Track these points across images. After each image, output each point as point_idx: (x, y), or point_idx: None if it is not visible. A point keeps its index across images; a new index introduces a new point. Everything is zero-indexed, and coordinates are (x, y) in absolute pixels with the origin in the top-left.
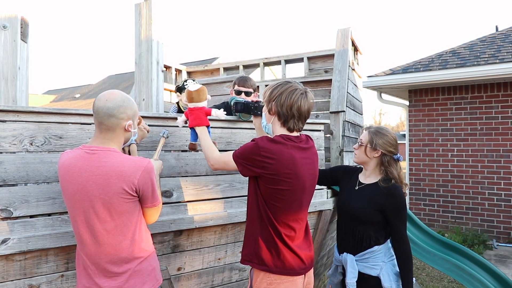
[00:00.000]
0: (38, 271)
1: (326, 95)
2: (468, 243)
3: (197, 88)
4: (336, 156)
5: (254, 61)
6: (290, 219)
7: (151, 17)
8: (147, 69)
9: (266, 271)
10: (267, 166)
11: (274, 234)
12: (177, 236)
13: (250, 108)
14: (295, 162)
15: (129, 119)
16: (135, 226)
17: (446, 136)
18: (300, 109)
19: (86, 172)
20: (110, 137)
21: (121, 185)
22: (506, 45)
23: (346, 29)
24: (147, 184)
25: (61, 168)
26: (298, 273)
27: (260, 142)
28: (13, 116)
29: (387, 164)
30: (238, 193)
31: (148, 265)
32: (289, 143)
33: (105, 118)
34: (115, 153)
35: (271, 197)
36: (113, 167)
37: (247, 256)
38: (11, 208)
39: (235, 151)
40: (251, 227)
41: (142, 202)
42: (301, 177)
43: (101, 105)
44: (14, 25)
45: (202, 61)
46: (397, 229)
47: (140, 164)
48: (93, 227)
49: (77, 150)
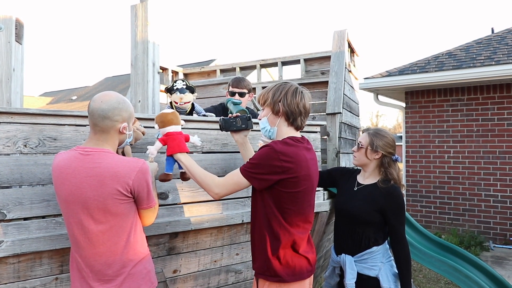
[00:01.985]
0: (32, 274)
1: (322, 97)
2: (465, 245)
3: (173, 111)
4: (333, 157)
5: (251, 62)
6: (304, 220)
7: (147, 18)
8: (143, 70)
9: (278, 282)
10: (287, 170)
11: (285, 241)
12: (172, 238)
13: (231, 123)
14: (308, 163)
15: (124, 121)
16: (130, 228)
17: (443, 138)
18: (305, 106)
19: (80, 173)
20: (105, 138)
21: (116, 186)
22: (502, 47)
23: (342, 31)
24: (142, 185)
25: (55, 169)
26: (306, 276)
27: (276, 147)
28: (7, 118)
29: (387, 165)
30: (234, 195)
31: (143, 268)
32: (300, 144)
33: (99, 120)
34: (109, 154)
35: (287, 201)
36: (107, 168)
37: (259, 269)
38: (4, 211)
39: (243, 166)
40: (259, 237)
41: (137, 203)
42: (313, 178)
43: (96, 106)
44: (9, 27)
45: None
46: (396, 230)
47: (135, 165)
48: (88, 229)
49: (71, 152)
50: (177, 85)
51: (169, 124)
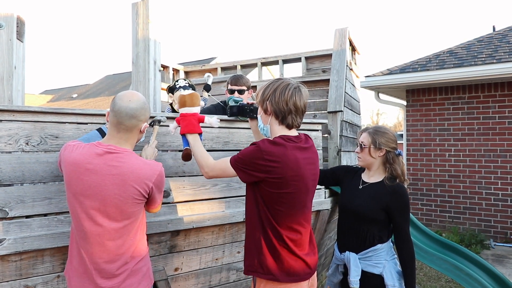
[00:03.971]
0: (34, 272)
1: (324, 95)
2: (466, 243)
3: (190, 93)
4: (334, 156)
5: (252, 61)
6: (295, 222)
7: (148, 16)
8: (144, 68)
9: (271, 280)
10: (271, 170)
11: (277, 241)
12: (174, 236)
13: (245, 110)
14: (299, 163)
15: (146, 121)
16: (138, 226)
17: (444, 136)
18: (296, 103)
19: (103, 171)
20: (127, 137)
21: (137, 187)
22: (503, 45)
23: (343, 29)
24: (159, 187)
25: (72, 163)
26: (303, 278)
27: (262, 146)
28: (9, 116)
29: (392, 161)
30: (236, 193)
31: (143, 265)
32: (291, 143)
33: (126, 119)
34: (133, 155)
35: (274, 201)
36: (131, 169)
37: (250, 266)
38: (6, 209)
39: (233, 157)
40: (251, 235)
41: (150, 203)
42: (305, 178)
43: (124, 105)
44: (10, 24)
45: (200, 61)
46: (401, 228)
47: (156, 168)
48: (101, 225)
49: (92, 147)
50: (180, 83)
51: (183, 105)
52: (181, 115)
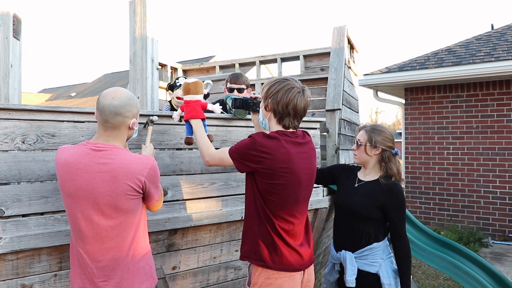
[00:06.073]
0: (31, 271)
1: (322, 93)
2: (464, 241)
3: (194, 81)
4: (332, 154)
5: (250, 59)
6: (287, 213)
7: (145, 14)
8: (141, 67)
9: (264, 267)
10: (262, 161)
11: (272, 230)
12: (172, 235)
13: (249, 104)
14: (291, 157)
15: (134, 117)
16: (137, 224)
17: (442, 134)
18: (296, 107)
19: (91, 169)
20: (115, 135)
21: (128, 183)
22: (501, 44)
23: (342, 27)
24: (153, 181)
25: (63, 164)
26: (296, 269)
27: (257, 138)
28: (5, 114)
29: (387, 160)
30: (234, 192)
31: (145, 264)
32: (285, 138)
33: (111, 117)
34: (122, 151)
35: (268, 191)
36: (121, 164)
37: (246, 252)
38: (3, 207)
39: (232, 147)
40: (249, 223)
41: (147, 199)
42: (297, 172)
43: (107, 103)
44: (6, 22)
45: (198, 59)
46: (396, 227)
47: (147, 162)
48: (97, 224)
49: (80, 147)
50: (180, 81)
51: (187, 93)
52: (185, 102)
